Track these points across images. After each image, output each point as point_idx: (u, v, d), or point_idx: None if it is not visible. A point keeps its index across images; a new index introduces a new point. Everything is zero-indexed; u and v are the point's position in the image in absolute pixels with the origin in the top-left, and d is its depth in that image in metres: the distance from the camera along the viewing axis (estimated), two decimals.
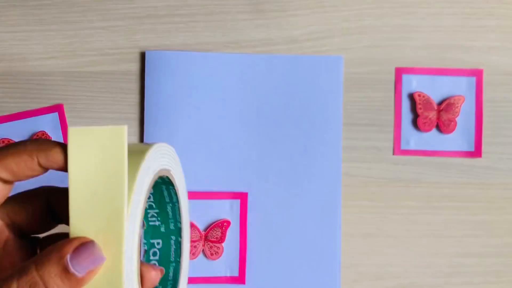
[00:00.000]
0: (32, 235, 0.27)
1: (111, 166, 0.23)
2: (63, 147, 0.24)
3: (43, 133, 0.48)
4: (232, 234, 0.49)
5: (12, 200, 0.26)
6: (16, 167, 0.24)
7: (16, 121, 0.49)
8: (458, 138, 0.50)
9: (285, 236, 0.49)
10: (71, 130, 0.23)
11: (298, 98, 0.49)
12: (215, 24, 0.50)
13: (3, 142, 0.48)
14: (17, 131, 0.49)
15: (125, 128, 0.23)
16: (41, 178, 0.27)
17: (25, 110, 0.49)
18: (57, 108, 0.49)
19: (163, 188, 0.30)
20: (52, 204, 0.27)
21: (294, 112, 0.49)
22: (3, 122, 0.48)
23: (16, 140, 0.48)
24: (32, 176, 0.25)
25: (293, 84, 0.49)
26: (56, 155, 0.24)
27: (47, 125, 0.49)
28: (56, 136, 0.49)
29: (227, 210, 0.49)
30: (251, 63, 0.49)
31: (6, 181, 0.24)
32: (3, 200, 0.25)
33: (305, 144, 0.49)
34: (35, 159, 0.24)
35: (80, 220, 0.23)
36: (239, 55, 0.49)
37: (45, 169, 0.24)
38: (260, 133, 0.49)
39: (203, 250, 0.49)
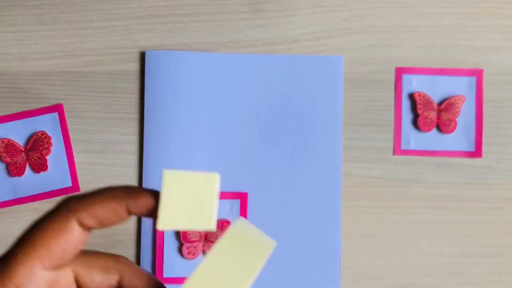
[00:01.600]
0: None
1: (200, 213, 0.24)
2: (152, 192, 0.24)
3: (43, 133, 0.48)
4: None
5: (87, 258, 0.25)
6: (104, 215, 0.23)
7: (16, 121, 0.49)
8: (458, 138, 0.50)
9: (285, 236, 0.49)
10: (167, 173, 0.24)
11: (298, 98, 0.49)
12: (215, 24, 0.50)
13: (3, 142, 0.48)
14: (17, 131, 0.49)
15: (218, 176, 0.25)
16: None
17: (25, 110, 0.49)
18: (57, 108, 0.49)
19: None
20: (123, 281, 0.26)
21: (294, 112, 0.49)
22: (3, 122, 0.48)
23: (16, 140, 0.48)
24: (117, 224, 0.24)
25: (293, 84, 0.49)
26: (147, 200, 0.23)
27: (47, 125, 0.49)
28: (56, 136, 0.49)
29: (227, 210, 0.49)
30: (251, 63, 0.49)
31: (89, 228, 0.24)
32: (82, 247, 0.24)
33: (305, 144, 0.49)
34: (124, 206, 0.23)
35: None
36: (239, 55, 0.49)
37: (131, 215, 0.24)
38: (260, 133, 0.49)
39: (203, 250, 0.49)
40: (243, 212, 0.49)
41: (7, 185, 0.49)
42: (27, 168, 0.49)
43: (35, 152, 0.48)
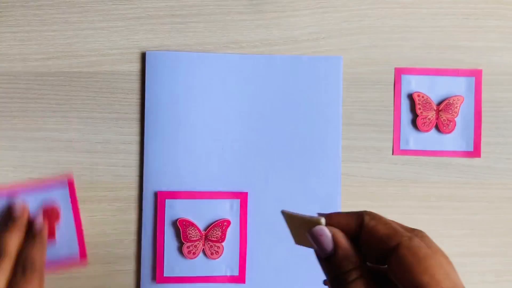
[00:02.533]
0: None
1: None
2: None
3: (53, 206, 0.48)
4: (232, 233, 0.49)
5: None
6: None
7: (25, 193, 0.48)
8: (457, 138, 0.51)
9: (285, 236, 0.49)
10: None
11: (298, 98, 0.50)
12: (215, 24, 0.50)
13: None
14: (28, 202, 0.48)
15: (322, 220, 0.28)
16: None
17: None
18: (67, 181, 0.48)
19: None
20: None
21: (293, 112, 0.50)
22: (13, 195, 0.48)
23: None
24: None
25: (293, 84, 0.50)
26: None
27: (58, 197, 0.48)
28: (66, 207, 0.48)
29: (227, 210, 0.49)
30: (251, 63, 0.50)
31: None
32: None
33: (305, 144, 0.49)
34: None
35: None
36: (239, 56, 0.50)
37: None
38: (260, 133, 0.49)
39: (203, 250, 0.49)
40: (243, 212, 0.49)
41: None
42: None
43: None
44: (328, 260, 0.26)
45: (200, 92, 0.49)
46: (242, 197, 0.49)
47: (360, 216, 0.27)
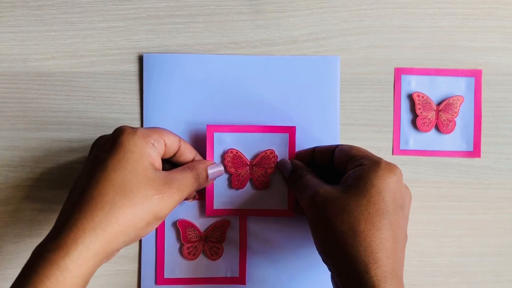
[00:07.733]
0: None
1: None
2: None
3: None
4: (232, 234, 0.49)
5: None
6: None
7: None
8: (457, 138, 0.51)
9: (285, 236, 0.49)
10: None
11: (296, 98, 0.50)
12: (215, 24, 0.50)
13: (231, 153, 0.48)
14: None
15: None
16: None
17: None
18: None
19: None
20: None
21: (292, 112, 0.50)
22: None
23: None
24: None
25: (291, 84, 0.50)
26: None
27: None
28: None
29: None
30: (249, 64, 0.50)
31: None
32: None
33: (303, 144, 0.49)
34: None
35: None
36: (237, 57, 0.50)
37: None
38: None
39: (203, 251, 0.49)
40: None
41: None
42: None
43: None
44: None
45: (199, 93, 0.49)
46: None
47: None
